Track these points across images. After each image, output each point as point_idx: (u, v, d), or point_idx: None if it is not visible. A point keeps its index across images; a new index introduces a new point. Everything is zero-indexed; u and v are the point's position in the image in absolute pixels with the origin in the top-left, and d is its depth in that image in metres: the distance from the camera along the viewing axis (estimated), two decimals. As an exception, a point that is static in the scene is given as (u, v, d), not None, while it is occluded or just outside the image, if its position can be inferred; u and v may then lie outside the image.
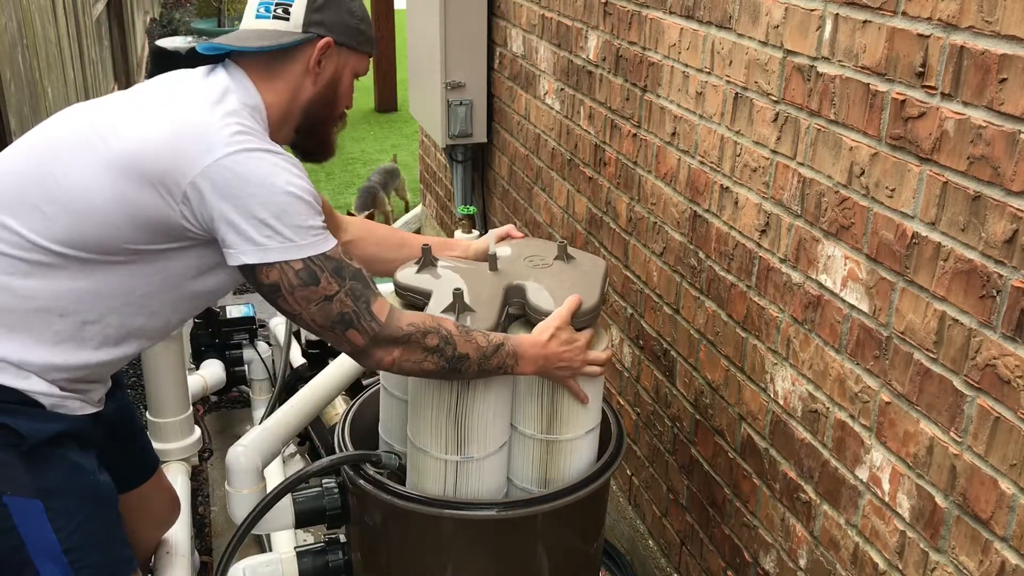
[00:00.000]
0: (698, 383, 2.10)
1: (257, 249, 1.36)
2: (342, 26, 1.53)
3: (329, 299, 1.40)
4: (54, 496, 1.45)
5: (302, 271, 1.38)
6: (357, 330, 1.43)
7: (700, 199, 2.01)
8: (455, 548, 1.66)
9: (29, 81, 3.33)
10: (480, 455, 1.60)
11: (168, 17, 10.41)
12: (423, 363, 1.47)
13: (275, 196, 1.35)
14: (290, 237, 1.36)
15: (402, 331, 1.45)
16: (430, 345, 1.46)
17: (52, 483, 1.46)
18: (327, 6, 1.52)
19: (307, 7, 1.50)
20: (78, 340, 1.47)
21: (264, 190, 1.35)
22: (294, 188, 1.37)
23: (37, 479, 1.44)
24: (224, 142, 1.36)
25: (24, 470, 1.43)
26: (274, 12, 1.50)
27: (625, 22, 2.28)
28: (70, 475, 1.49)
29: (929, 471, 1.40)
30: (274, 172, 1.37)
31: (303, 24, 1.50)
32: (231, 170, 1.35)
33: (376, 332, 1.44)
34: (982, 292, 1.27)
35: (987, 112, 1.24)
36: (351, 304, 1.42)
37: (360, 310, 1.42)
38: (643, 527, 2.47)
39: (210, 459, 2.91)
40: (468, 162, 3.69)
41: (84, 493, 1.51)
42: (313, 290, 1.39)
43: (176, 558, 2.19)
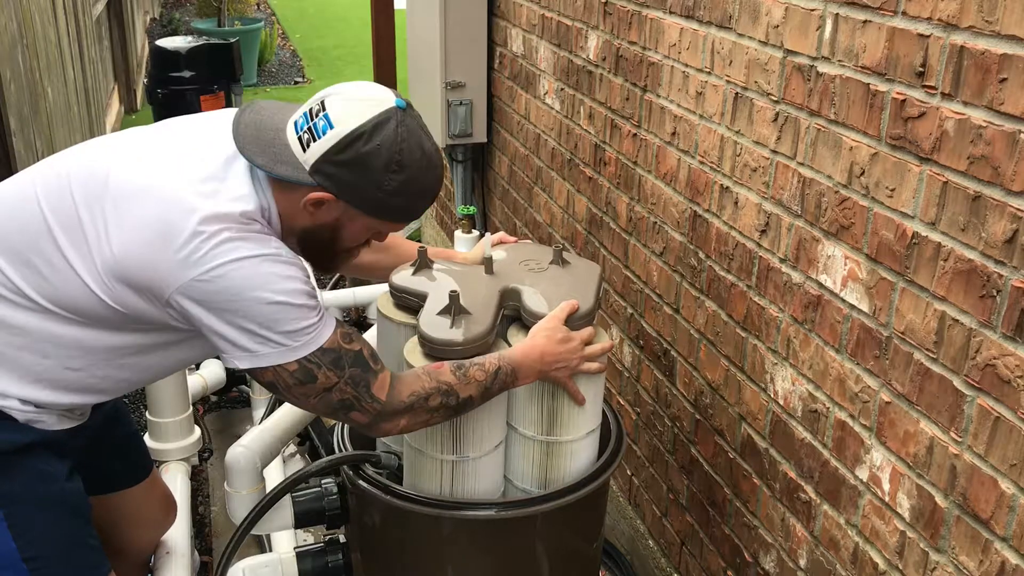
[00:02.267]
0: (698, 383, 2.10)
1: (250, 355, 1.35)
2: (356, 190, 1.39)
3: (328, 390, 1.40)
4: (15, 504, 1.45)
5: (297, 371, 1.36)
6: (359, 412, 1.44)
7: (700, 199, 2.01)
8: (454, 548, 1.66)
9: (29, 81, 3.33)
10: (476, 455, 1.60)
11: (168, 17, 10.41)
12: (430, 421, 1.50)
13: (262, 308, 1.31)
14: (282, 342, 1.34)
15: (404, 403, 1.45)
16: (433, 406, 1.47)
17: (14, 491, 1.45)
18: (350, 164, 1.36)
19: (324, 154, 1.36)
20: (59, 382, 1.46)
21: (250, 303, 1.31)
22: (282, 296, 1.32)
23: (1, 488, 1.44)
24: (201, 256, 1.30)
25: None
26: (301, 134, 1.38)
27: (625, 22, 2.28)
28: (35, 483, 1.48)
29: (929, 471, 1.40)
30: (259, 283, 1.31)
31: (311, 167, 1.37)
32: (213, 284, 1.30)
33: (379, 410, 1.44)
34: (982, 292, 1.27)
35: (987, 112, 1.24)
36: (351, 391, 1.41)
37: (360, 394, 1.42)
38: (643, 527, 2.47)
39: (210, 459, 2.91)
40: (468, 162, 3.69)
41: (49, 502, 1.50)
42: (311, 387, 1.38)
43: (176, 558, 2.19)
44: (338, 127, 1.35)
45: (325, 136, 1.35)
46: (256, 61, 8.68)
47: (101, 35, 6.04)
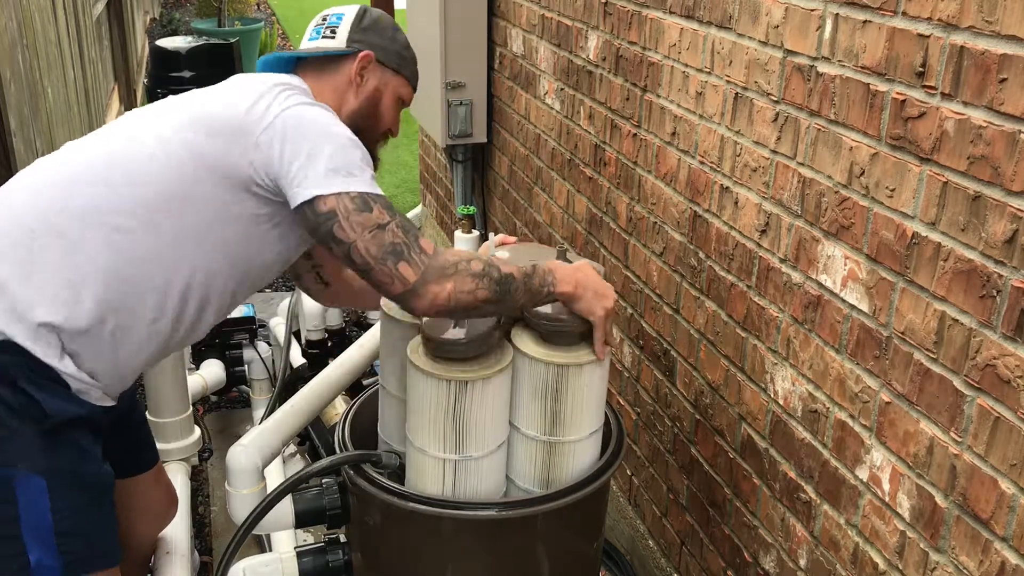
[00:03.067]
0: (698, 383, 2.10)
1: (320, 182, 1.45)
2: (383, 48, 1.71)
3: (382, 228, 1.46)
4: (59, 478, 1.47)
5: (357, 199, 1.46)
6: (409, 263, 1.45)
7: (700, 199, 2.01)
8: (455, 548, 1.66)
9: (29, 81, 3.33)
10: (479, 454, 1.60)
11: (168, 17, 10.40)
12: (476, 291, 1.47)
13: (337, 139, 1.49)
14: (351, 172, 1.47)
15: (449, 262, 1.47)
16: (476, 271, 1.48)
17: (61, 465, 1.48)
18: (371, 28, 1.71)
19: (351, 28, 1.70)
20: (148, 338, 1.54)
21: (327, 134, 1.49)
22: (349, 137, 1.52)
23: (48, 458, 1.46)
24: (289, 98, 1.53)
25: (39, 447, 1.45)
26: (323, 34, 1.71)
27: (625, 22, 2.28)
28: (79, 461, 1.52)
29: (929, 471, 1.40)
30: (334, 122, 1.53)
31: (347, 41, 1.69)
32: (297, 117, 1.50)
33: (427, 264, 1.46)
34: (982, 292, 1.27)
35: (987, 112, 1.24)
36: (402, 236, 1.46)
37: (411, 243, 1.47)
38: (643, 527, 2.47)
39: (210, 459, 2.91)
40: (468, 162, 3.69)
41: (88, 480, 1.53)
42: (367, 216, 1.45)
43: (176, 558, 2.19)
44: (347, 12, 1.72)
45: (342, 21, 1.71)
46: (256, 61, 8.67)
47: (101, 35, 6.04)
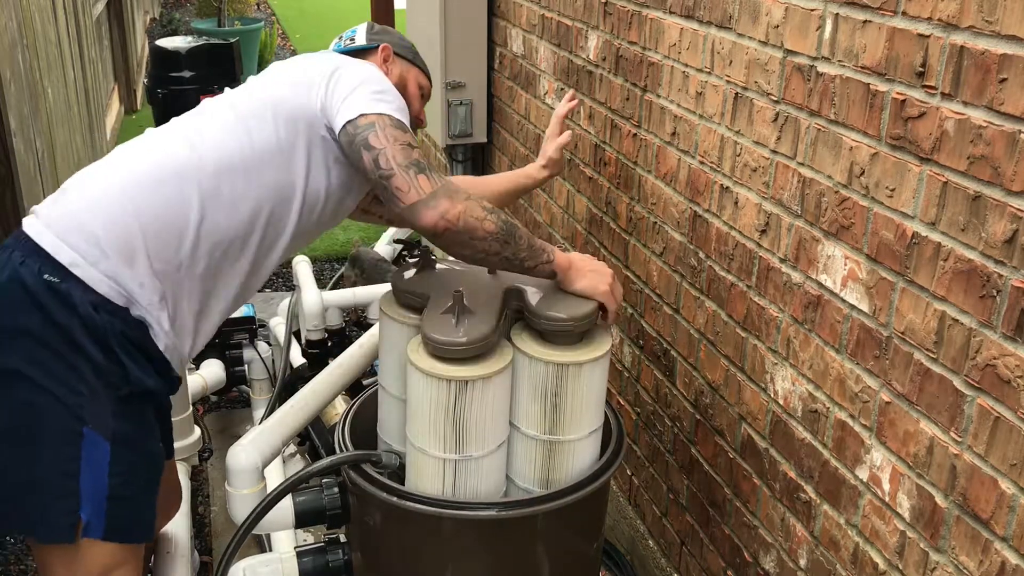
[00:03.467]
0: (698, 383, 2.10)
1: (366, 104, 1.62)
2: (397, 43, 1.95)
3: (410, 146, 1.59)
4: (123, 446, 1.54)
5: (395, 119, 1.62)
6: (427, 177, 1.56)
7: (700, 199, 2.01)
8: (455, 548, 1.66)
9: (29, 81, 3.33)
10: (479, 454, 1.60)
11: (168, 17, 10.40)
12: (484, 221, 1.57)
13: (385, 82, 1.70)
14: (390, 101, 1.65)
15: (462, 191, 1.58)
16: (487, 205, 1.60)
17: (127, 433, 1.55)
18: (381, 31, 1.97)
19: (367, 32, 1.95)
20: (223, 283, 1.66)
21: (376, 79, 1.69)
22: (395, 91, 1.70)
23: (117, 425, 1.53)
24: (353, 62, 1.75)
25: (112, 413, 1.52)
26: (343, 44, 1.94)
27: (625, 22, 2.28)
28: (142, 433, 1.60)
29: (929, 471, 1.40)
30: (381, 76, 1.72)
31: (366, 41, 1.93)
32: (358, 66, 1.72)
33: (443, 184, 1.57)
34: (982, 292, 1.27)
35: (987, 112, 1.24)
36: (424, 159, 1.59)
37: (431, 166, 1.59)
38: (643, 527, 2.47)
39: (210, 459, 2.91)
40: (468, 162, 3.69)
41: (146, 453, 1.61)
42: (399, 133, 1.59)
43: (176, 558, 2.19)
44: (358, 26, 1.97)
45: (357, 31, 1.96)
46: (256, 61, 8.68)
47: (101, 35, 6.04)
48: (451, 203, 1.54)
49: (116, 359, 1.52)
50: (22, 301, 1.47)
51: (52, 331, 1.47)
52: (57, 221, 1.53)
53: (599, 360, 1.64)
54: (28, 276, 1.48)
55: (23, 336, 1.47)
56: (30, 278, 1.48)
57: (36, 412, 1.47)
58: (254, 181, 1.62)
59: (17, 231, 1.56)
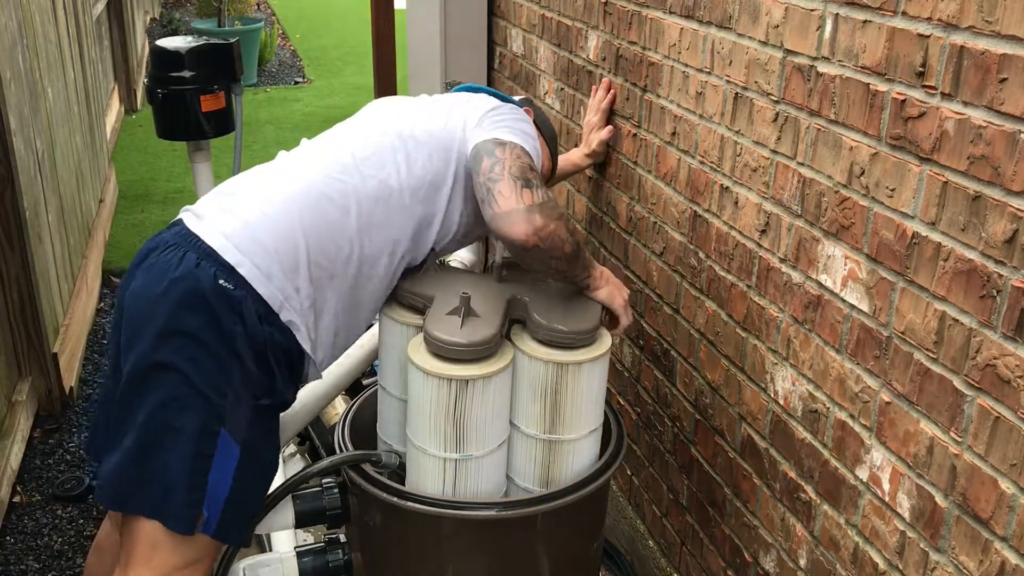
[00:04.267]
0: (698, 383, 2.10)
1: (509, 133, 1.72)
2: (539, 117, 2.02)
3: (530, 168, 1.66)
4: (249, 453, 1.58)
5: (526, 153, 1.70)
6: (531, 192, 1.61)
7: (700, 199, 2.01)
8: (455, 548, 1.66)
9: (29, 81, 3.33)
10: (479, 453, 1.60)
11: (168, 17, 10.40)
12: (565, 244, 1.64)
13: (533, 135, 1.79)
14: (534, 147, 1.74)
15: (557, 208, 1.65)
16: (570, 228, 1.66)
17: (256, 442, 1.60)
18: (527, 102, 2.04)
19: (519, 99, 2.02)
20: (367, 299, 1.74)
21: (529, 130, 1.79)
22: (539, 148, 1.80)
23: (249, 432, 1.58)
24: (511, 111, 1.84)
25: (247, 420, 1.58)
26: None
27: (625, 22, 2.28)
28: (270, 446, 1.67)
29: (929, 471, 1.40)
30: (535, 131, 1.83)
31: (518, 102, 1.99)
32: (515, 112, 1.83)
33: (544, 200, 1.62)
34: (982, 292, 1.27)
35: (987, 112, 1.24)
36: (535, 179, 1.65)
37: (539, 184, 1.65)
38: (643, 527, 2.47)
39: (210, 459, 2.91)
40: (468, 162, 3.69)
41: (267, 465, 1.66)
42: (522, 154, 1.68)
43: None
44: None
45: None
46: (256, 61, 8.67)
47: (101, 35, 6.04)
48: (546, 221, 1.59)
49: (268, 369, 1.58)
50: (193, 301, 1.52)
51: (214, 333, 1.53)
52: (235, 232, 1.58)
53: (599, 360, 1.64)
54: (204, 278, 1.53)
55: (184, 335, 1.52)
56: (206, 281, 1.53)
57: (181, 405, 1.52)
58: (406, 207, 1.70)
59: (181, 229, 1.61)
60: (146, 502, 1.54)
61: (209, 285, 1.53)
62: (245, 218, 1.60)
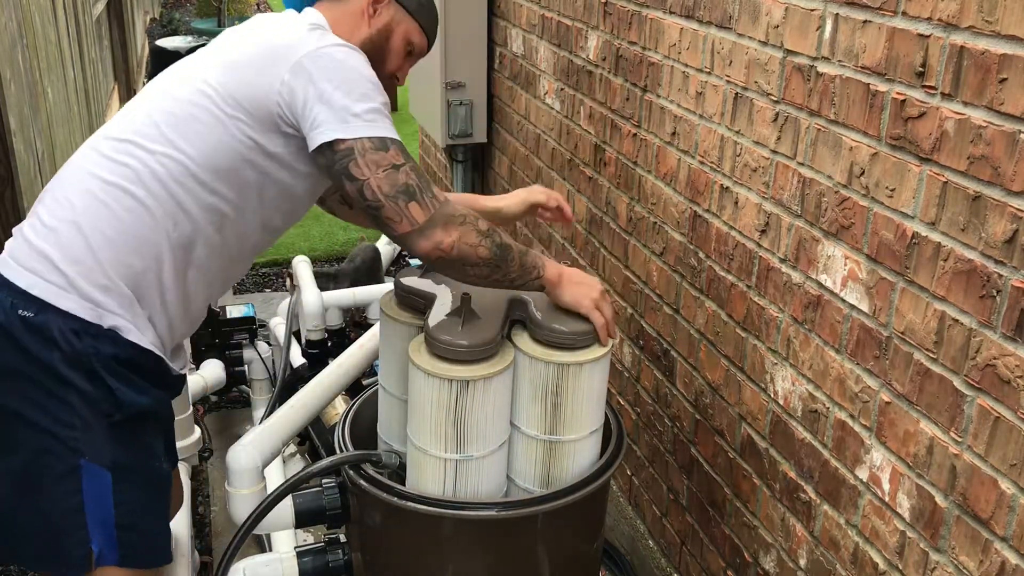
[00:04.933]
0: (698, 383, 2.10)
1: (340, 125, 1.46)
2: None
3: (396, 168, 1.47)
4: (124, 473, 1.52)
5: (375, 139, 1.47)
6: (419, 204, 1.47)
7: (700, 199, 2.01)
8: (455, 548, 1.66)
9: (29, 81, 3.33)
10: (480, 454, 1.60)
11: (168, 17, 10.41)
12: (478, 247, 1.51)
13: (360, 84, 1.49)
14: (371, 119, 1.48)
15: (459, 212, 1.50)
16: (482, 229, 1.52)
17: (126, 460, 1.52)
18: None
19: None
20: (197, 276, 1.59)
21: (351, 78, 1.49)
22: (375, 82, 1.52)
23: (115, 452, 1.50)
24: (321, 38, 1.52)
25: (106, 440, 1.49)
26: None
27: (625, 22, 2.28)
28: (143, 457, 1.57)
29: (929, 471, 1.40)
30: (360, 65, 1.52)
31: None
32: (330, 56, 1.50)
33: (437, 208, 1.48)
34: (982, 292, 1.27)
35: (987, 112, 1.24)
36: (415, 178, 1.48)
37: (423, 186, 1.49)
38: (643, 527, 2.47)
39: (210, 459, 2.91)
40: (468, 162, 3.69)
41: (150, 477, 1.58)
42: (383, 155, 1.47)
43: (176, 558, 2.18)
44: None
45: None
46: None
47: (101, 35, 6.03)
48: (446, 232, 1.48)
49: (103, 385, 1.48)
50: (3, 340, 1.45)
51: (35, 368, 1.45)
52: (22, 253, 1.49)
53: (599, 360, 1.64)
54: (6, 313, 1.45)
55: (12, 375, 1.45)
56: (9, 315, 1.45)
57: (36, 451, 1.46)
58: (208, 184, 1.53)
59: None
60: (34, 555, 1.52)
61: (11, 319, 1.44)
62: (26, 235, 1.50)
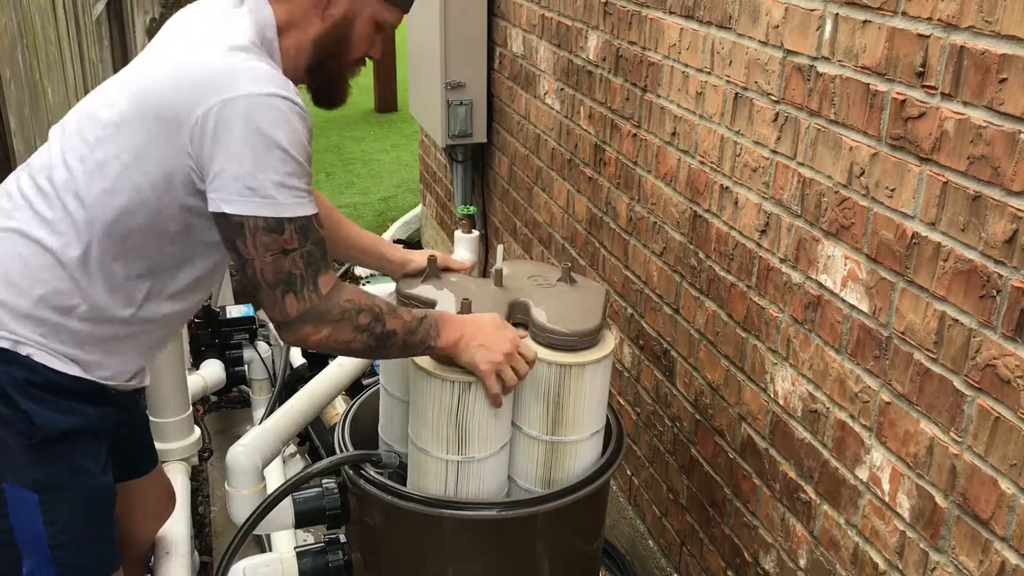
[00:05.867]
0: (698, 383, 2.10)
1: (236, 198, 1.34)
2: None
3: (286, 253, 1.37)
4: (52, 493, 1.48)
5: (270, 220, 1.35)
6: (296, 297, 1.39)
7: (700, 199, 2.01)
8: (455, 548, 1.66)
9: (29, 81, 3.33)
10: (481, 455, 1.60)
11: (168, 17, 10.40)
12: (351, 343, 1.45)
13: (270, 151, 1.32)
14: (272, 195, 1.34)
15: (339, 308, 1.42)
16: (362, 324, 1.44)
17: (52, 480, 1.48)
18: None
19: None
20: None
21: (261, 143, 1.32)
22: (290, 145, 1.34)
23: (39, 473, 1.47)
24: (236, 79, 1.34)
25: (28, 461, 1.46)
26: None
27: (625, 22, 2.28)
28: (71, 475, 1.51)
29: (929, 471, 1.40)
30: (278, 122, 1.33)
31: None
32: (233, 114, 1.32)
33: (314, 305, 1.40)
34: (982, 292, 1.27)
35: (987, 112, 1.24)
36: (302, 267, 1.38)
37: (307, 277, 1.39)
38: (643, 527, 2.47)
39: (210, 459, 2.91)
40: (468, 162, 3.69)
41: (82, 494, 1.53)
42: (276, 238, 1.36)
43: (176, 558, 2.19)
44: None
45: None
46: None
47: (101, 35, 6.03)
48: (314, 329, 1.41)
49: (17, 408, 1.44)
50: None
51: None
52: None
53: (601, 362, 1.64)
54: None
55: None
56: None
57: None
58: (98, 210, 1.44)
59: None
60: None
61: None
62: None
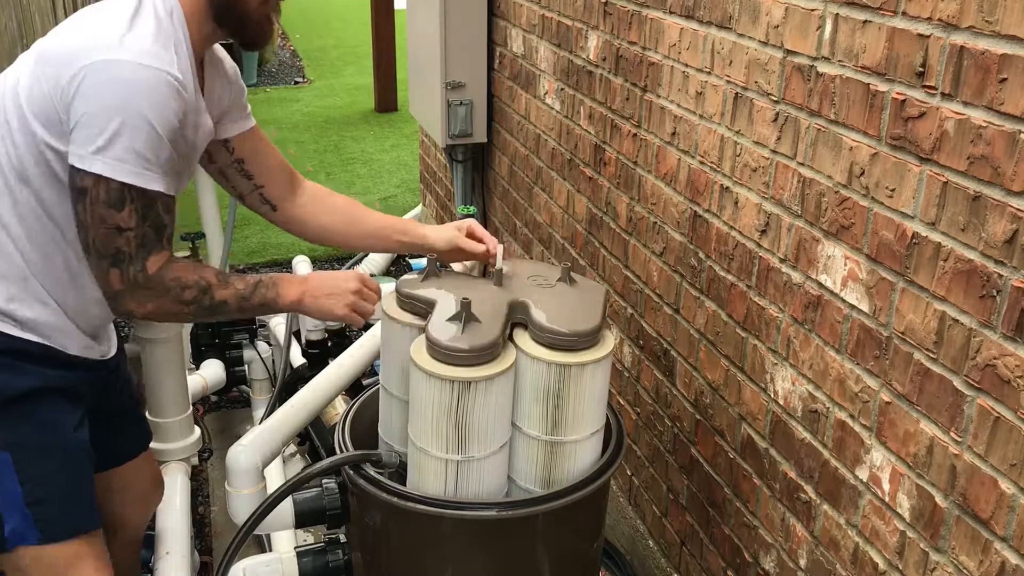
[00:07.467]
0: (698, 383, 2.10)
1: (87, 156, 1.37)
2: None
3: (119, 231, 1.40)
4: (24, 451, 1.52)
5: (114, 191, 1.38)
6: (121, 273, 1.43)
7: (700, 199, 2.01)
8: (455, 548, 1.66)
9: (29, 81, 3.33)
10: (481, 455, 1.60)
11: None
12: (178, 315, 1.52)
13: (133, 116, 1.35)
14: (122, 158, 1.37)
15: (164, 285, 1.47)
16: (187, 298, 1.49)
17: (22, 438, 1.52)
18: None
19: None
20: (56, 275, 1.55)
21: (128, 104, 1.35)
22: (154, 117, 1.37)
23: (7, 433, 1.51)
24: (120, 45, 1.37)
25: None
26: None
27: (625, 22, 2.28)
28: (40, 432, 1.55)
29: (929, 471, 1.40)
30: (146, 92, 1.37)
31: None
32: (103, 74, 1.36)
33: (138, 282, 1.45)
34: (982, 292, 1.27)
35: (987, 112, 1.24)
36: (132, 248, 1.42)
37: (136, 257, 1.43)
38: (643, 527, 2.48)
39: (210, 459, 2.91)
40: (468, 162, 3.69)
41: (55, 450, 1.56)
42: (112, 213, 1.39)
43: (176, 558, 2.19)
44: None
45: None
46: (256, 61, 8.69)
47: (101, 35, 6.03)
48: (136, 304, 1.47)
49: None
50: None
51: None
52: None
53: (601, 362, 1.64)
54: None
55: None
56: None
57: None
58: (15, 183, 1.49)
59: None
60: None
61: None
62: None
